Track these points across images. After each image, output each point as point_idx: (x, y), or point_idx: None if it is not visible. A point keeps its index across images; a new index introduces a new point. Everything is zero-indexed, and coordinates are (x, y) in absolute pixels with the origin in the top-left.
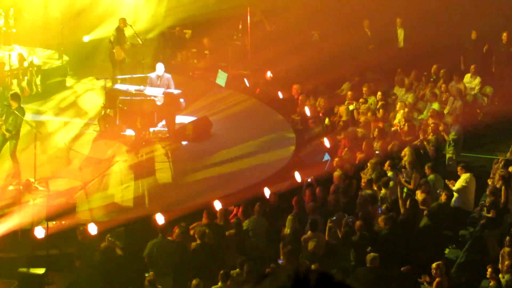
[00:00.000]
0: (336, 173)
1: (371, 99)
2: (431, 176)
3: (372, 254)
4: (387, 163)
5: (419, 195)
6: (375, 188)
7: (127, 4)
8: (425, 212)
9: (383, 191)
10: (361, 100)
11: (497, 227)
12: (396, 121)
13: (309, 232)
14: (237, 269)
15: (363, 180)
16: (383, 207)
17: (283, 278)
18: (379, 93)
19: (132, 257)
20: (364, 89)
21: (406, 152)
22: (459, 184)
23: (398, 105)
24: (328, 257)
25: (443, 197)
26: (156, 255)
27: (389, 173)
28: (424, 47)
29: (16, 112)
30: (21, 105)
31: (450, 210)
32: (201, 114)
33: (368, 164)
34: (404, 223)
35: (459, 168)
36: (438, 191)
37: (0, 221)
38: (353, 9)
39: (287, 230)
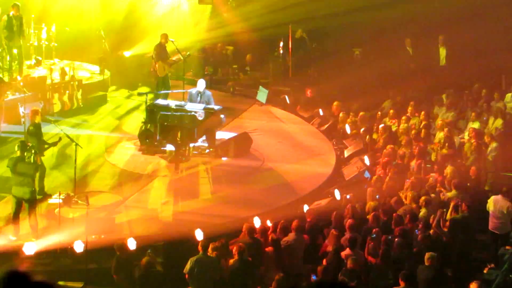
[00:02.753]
0: (372, 190)
1: (415, 119)
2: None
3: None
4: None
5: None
6: (413, 206)
7: (169, 19)
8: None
9: (423, 210)
10: (403, 117)
11: None
12: (436, 141)
13: (347, 249)
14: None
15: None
16: (420, 225)
17: None
18: (422, 112)
19: (171, 272)
20: (409, 108)
21: (448, 171)
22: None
23: (439, 124)
24: (367, 275)
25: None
26: (197, 272)
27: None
28: (465, 66)
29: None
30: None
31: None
32: (241, 130)
33: (405, 184)
34: (444, 242)
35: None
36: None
37: (40, 236)
38: (395, 27)
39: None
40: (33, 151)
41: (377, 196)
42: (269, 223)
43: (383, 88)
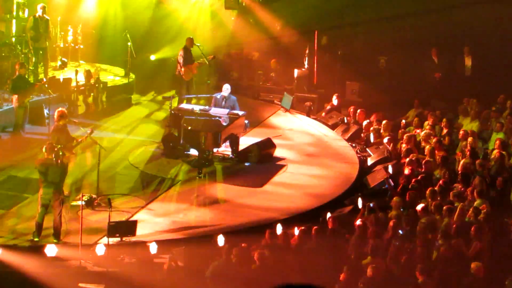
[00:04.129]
0: (396, 199)
1: (436, 128)
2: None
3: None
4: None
5: None
6: (437, 217)
7: (195, 24)
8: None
9: (446, 219)
10: (426, 126)
11: None
12: (458, 150)
13: (369, 257)
14: None
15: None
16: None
17: None
18: (444, 120)
19: (193, 277)
20: (431, 118)
21: (476, 181)
22: None
23: (461, 134)
24: (388, 283)
25: None
26: (219, 276)
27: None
28: (491, 76)
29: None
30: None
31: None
32: (265, 136)
33: (427, 192)
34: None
35: None
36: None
37: (62, 238)
38: (421, 36)
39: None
40: (60, 153)
41: (401, 209)
42: (296, 231)
43: (408, 96)
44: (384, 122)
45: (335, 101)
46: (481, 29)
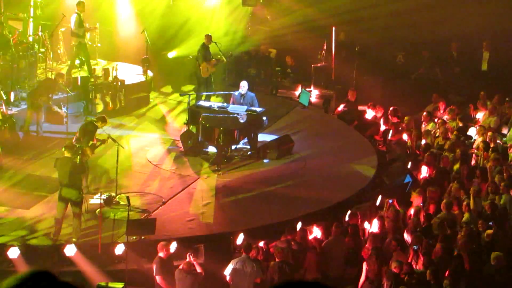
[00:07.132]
0: (415, 195)
1: (453, 123)
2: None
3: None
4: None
5: None
6: (456, 212)
7: (212, 21)
8: None
9: (466, 215)
10: (440, 121)
11: None
12: (475, 145)
13: (394, 254)
14: None
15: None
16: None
17: None
18: (458, 116)
19: (212, 274)
20: (449, 115)
21: (495, 177)
22: None
23: (478, 129)
24: (410, 278)
25: None
26: (239, 274)
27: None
28: (508, 71)
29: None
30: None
31: None
32: (283, 132)
33: (447, 188)
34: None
35: None
36: None
37: (81, 237)
38: (441, 30)
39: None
40: (79, 152)
41: (421, 204)
42: (315, 228)
43: (425, 91)
44: (398, 116)
45: (351, 96)
46: (500, 23)
